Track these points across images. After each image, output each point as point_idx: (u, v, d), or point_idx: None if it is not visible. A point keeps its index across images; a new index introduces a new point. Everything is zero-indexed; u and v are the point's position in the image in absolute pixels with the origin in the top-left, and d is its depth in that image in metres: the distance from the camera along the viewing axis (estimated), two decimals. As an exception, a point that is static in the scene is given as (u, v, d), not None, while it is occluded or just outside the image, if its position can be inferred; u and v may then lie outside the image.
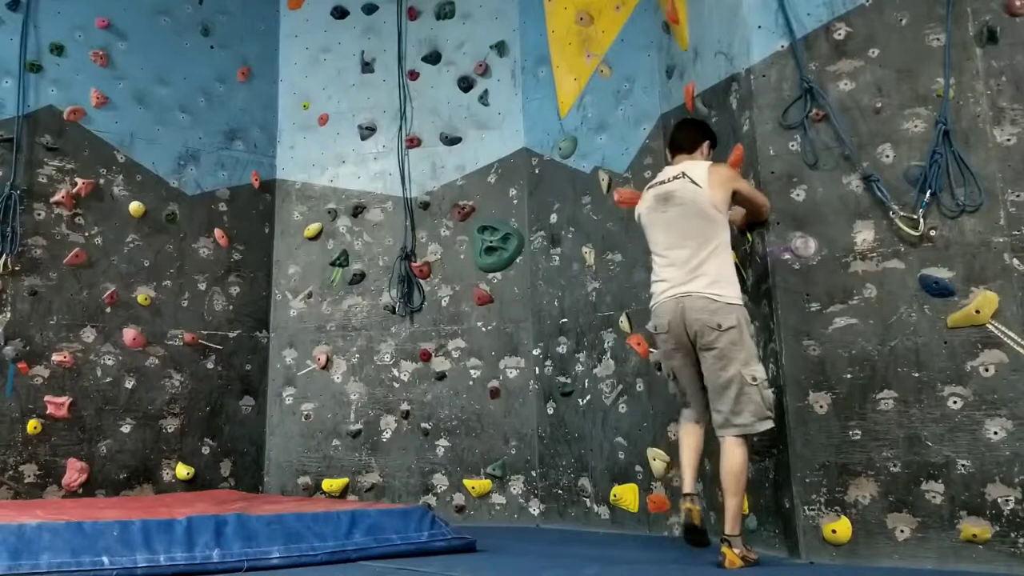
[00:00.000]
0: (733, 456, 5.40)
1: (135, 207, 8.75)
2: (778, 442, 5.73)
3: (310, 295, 9.46)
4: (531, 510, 8.42)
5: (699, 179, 5.61)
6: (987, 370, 5.24)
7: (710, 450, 6.00)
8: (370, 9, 9.92)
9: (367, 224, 9.44)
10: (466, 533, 6.43)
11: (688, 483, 5.62)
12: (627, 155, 8.09)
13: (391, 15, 9.86)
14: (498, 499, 8.50)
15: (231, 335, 9.21)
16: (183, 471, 8.59)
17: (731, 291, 5.52)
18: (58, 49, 8.67)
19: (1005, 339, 5.23)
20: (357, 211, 9.49)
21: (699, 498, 5.93)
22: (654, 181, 5.97)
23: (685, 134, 6.03)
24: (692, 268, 5.57)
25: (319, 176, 9.72)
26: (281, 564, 5.41)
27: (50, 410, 8.02)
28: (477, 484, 8.53)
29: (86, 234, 8.51)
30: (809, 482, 5.50)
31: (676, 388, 5.93)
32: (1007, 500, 5.07)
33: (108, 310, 8.51)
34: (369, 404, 9.01)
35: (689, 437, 5.81)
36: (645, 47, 8.12)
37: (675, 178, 5.74)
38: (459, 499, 8.57)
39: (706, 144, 6.00)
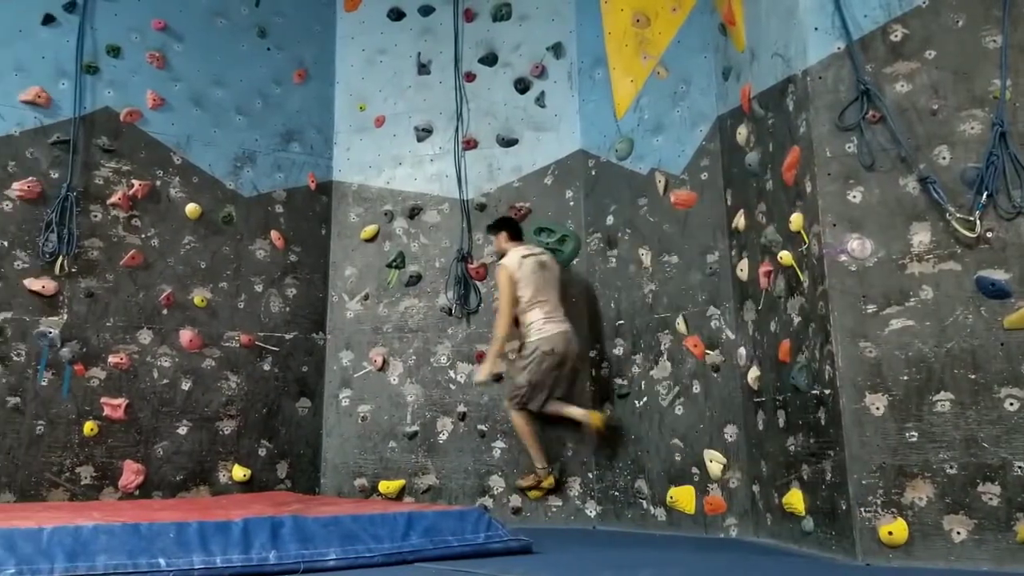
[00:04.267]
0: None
1: (191, 209, 8.86)
2: (834, 444, 5.79)
3: (367, 297, 9.55)
4: (588, 512, 8.49)
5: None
6: (1044, 372, 5.33)
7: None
8: (427, 11, 10.02)
9: (423, 226, 9.54)
10: (522, 535, 6.43)
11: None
12: (684, 157, 8.16)
13: (447, 17, 9.95)
14: (555, 501, 8.57)
15: (287, 337, 9.29)
16: (239, 473, 8.68)
17: None
18: (114, 51, 8.77)
19: (1062, 341, 5.31)
20: (413, 213, 9.58)
21: None
22: (524, 252, 8.50)
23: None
24: (562, 313, 8.46)
25: (375, 178, 9.82)
26: (337, 566, 5.43)
27: (107, 412, 8.12)
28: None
29: (142, 236, 8.61)
30: (865, 484, 5.56)
31: (539, 392, 8.24)
32: (1064, 502, 5.15)
33: (165, 312, 8.61)
34: (426, 406, 9.09)
35: (535, 424, 8.39)
36: (702, 49, 8.18)
37: (541, 253, 8.57)
38: (516, 501, 8.64)
39: None
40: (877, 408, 5.64)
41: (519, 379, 8.25)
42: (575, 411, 8.33)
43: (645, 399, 8.14)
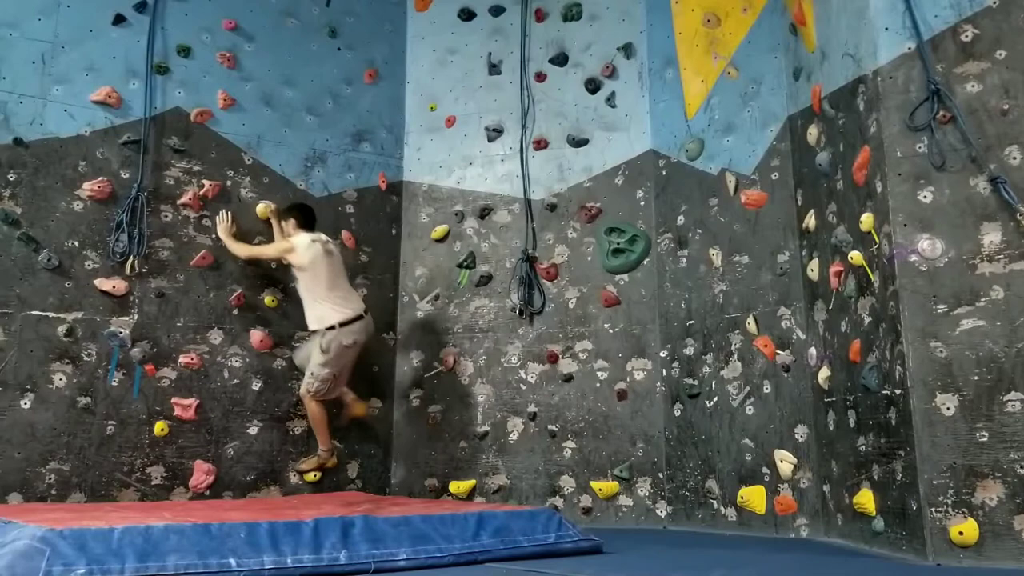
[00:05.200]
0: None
1: (262, 209, 8.90)
2: (905, 444, 5.83)
3: (437, 297, 9.62)
4: (658, 512, 8.54)
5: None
6: (1116, 372, 5.34)
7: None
8: (497, 11, 10.09)
9: (494, 226, 9.62)
10: (593, 535, 6.48)
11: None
12: (754, 157, 8.20)
13: (518, 17, 10.00)
14: (625, 501, 8.63)
15: (359, 337, 9.40)
16: (310, 473, 8.72)
17: None
18: (185, 51, 8.81)
19: None
20: (484, 213, 9.66)
21: None
22: (314, 238, 8.39)
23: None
24: (357, 299, 8.60)
25: (446, 178, 9.90)
26: (408, 566, 5.46)
27: (177, 412, 8.17)
28: (604, 486, 8.66)
29: (213, 236, 8.62)
30: (936, 484, 5.60)
31: (339, 381, 8.41)
32: None
33: (235, 312, 8.65)
34: (496, 406, 9.17)
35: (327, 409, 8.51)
36: (772, 49, 8.21)
37: (328, 241, 8.49)
38: (586, 501, 8.70)
39: None
40: (948, 408, 5.67)
41: (321, 373, 8.20)
42: (348, 394, 8.72)
43: (716, 399, 8.18)
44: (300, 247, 8.27)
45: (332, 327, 8.17)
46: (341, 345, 8.17)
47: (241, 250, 8.50)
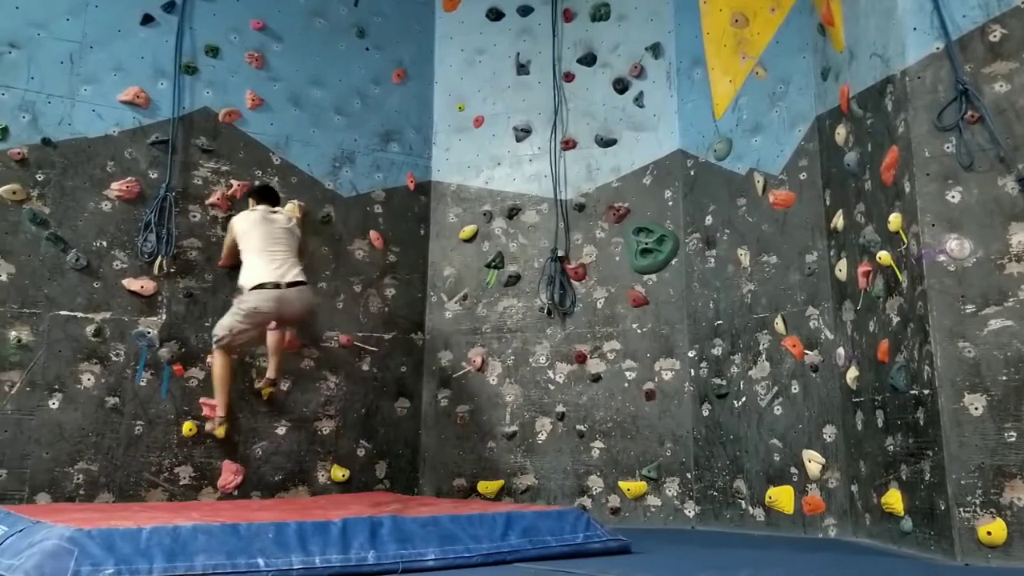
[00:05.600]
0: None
1: (290, 209, 8.90)
2: (933, 444, 5.83)
3: (465, 297, 9.67)
4: (686, 512, 8.56)
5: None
6: None
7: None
8: (525, 11, 10.13)
9: (522, 226, 9.66)
10: (621, 535, 6.49)
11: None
12: (782, 157, 8.22)
13: (546, 17, 10.05)
14: (653, 501, 8.65)
15: (386, 337, 9.42)
16: (338, 473, 8.81)
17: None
18: (213, 51, 8.90)
19: None
20: (512, 213, 9.70)
21: None
22: (259, 208, 8.27)
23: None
24: (291, 270, 8.09)
25: (474, 178, 9.95)
26: (436, 566, 5.46)
27: (205, 412, 8.19)
28: (632, 486, 8.69)
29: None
30: (964, 484, 5.61)
31: (239, 337, 8.05)
32: None
33: None
34: (524, 406, 9.20)
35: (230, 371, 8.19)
36: (800, 49, 8.23)
37: (276, 211, 8.34)
38: (614, 501, 8.73)
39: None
40: (976, 408, 5.68)
41: (224, 321, 8.06)
42: (271, 367, 8.46)
43: (744, 399, 8.20)
44: (238, 218, 8.25)
45: (252, 287, 7.98)
46: (250, 306, 7.91)
47: (225, 257, 8.54)
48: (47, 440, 7.56)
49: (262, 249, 8.00)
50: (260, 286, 7.88)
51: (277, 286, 7.90)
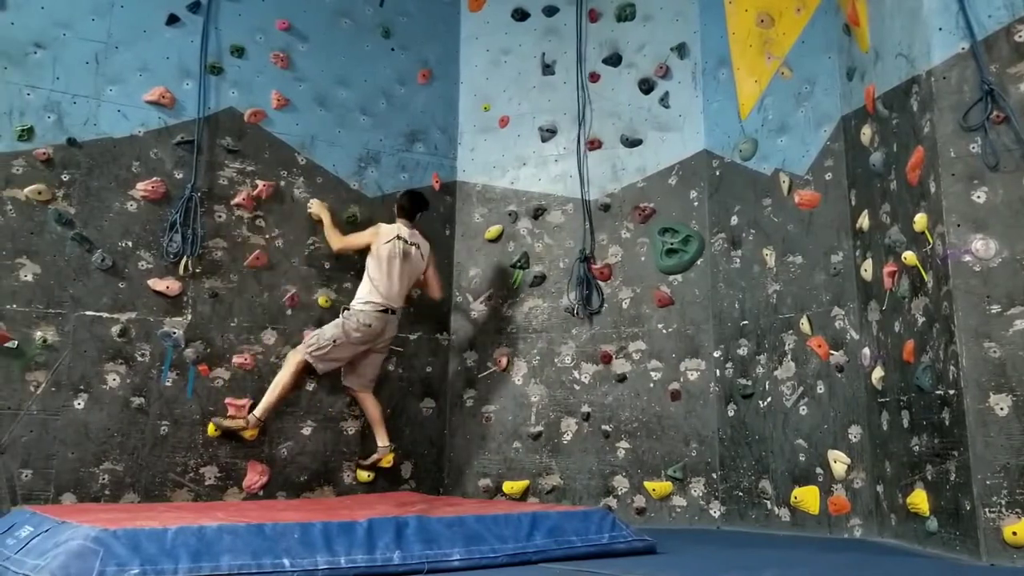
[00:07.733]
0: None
1: (317, 206, 8.97)
2: (959, 444, 5.86)
3: (490, 297, 9.72)
4: (712, 512, 8.59)
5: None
6: None
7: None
8: (551, 11, 10.17)
9: (548, 226, 9.70)
10: (646, 535, 6.53)
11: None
12: (807, 157, 8.23)
13: (571, 17, 10.08)
14: (679, 501, 8.68)
15: (412, 337, 9.45)
16: (364, 473, 8.82)
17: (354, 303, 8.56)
18: (238, 51, 8.92)
19: None
20: (538, 213, 9.74)
21: None
22: (399, 233, 8.71)
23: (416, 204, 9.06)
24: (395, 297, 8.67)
25: (500, 178, 10.00)
26: (461, 566, 5.50)
27: (231, 412, 8.26)
28: (658, 486, 8.72)
29: (267, 236, 8.76)
30: (990, 484, 5.63)
31: (336, 354, 8.42)
32: None
33: (289, 312, 8.75)
34: (550, 406, 9.24)
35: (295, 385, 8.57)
36: (826, 49, 8.23)
37: (414, 245, 8.79)
38: (640, 501, 8.76)
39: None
40: (1001, 408, 5.71)
41: (326, 333, 8.38)
42: (381, 435, 8.73)
43: (769, 399, 8.23)
44: (383, 233, 8.66)
45: (367, 303, 8.48)
46: (358, 323, 8.37)
47: (336, 241, 8.82)
48: (73, 440, 7.62)
49: (390, 274, 8.56)
50: (377, 306, 8.47)
51: (391, 311, 8.57)
